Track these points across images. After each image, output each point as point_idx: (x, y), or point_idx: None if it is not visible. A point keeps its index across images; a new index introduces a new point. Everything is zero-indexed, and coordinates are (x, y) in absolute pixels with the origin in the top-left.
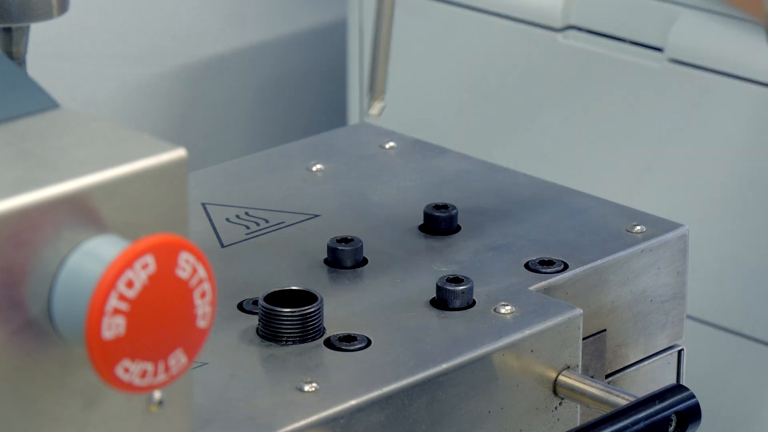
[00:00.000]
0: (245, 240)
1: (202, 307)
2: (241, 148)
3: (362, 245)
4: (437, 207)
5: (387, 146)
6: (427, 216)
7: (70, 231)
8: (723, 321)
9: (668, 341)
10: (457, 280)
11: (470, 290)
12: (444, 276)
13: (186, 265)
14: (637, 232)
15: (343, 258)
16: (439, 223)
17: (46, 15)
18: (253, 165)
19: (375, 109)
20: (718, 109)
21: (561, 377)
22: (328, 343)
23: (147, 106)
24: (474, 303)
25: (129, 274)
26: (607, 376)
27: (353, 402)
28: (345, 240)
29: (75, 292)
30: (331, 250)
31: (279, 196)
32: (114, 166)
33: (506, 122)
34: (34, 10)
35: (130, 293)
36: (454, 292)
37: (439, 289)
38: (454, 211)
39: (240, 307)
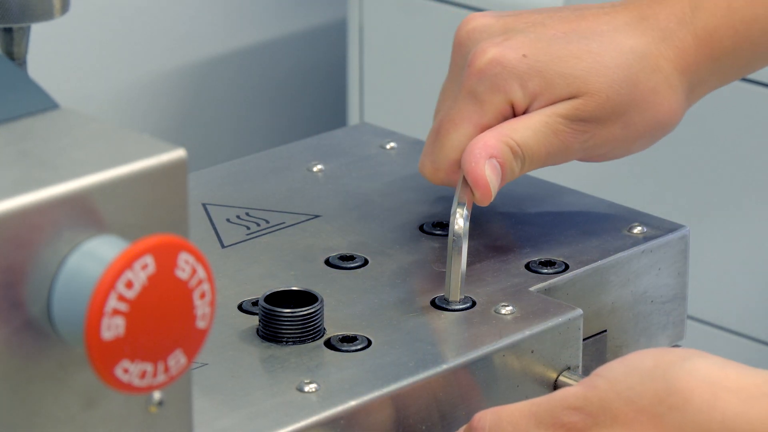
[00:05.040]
0: (246, 240)
1: (202, 308)
2: (241, 148)
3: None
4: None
5: (387, 146)
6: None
7: (69, 231)
8: (723, 321)
9: (669, 342)
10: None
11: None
12: (442, 295)
13: (185, 265)
14: (637, 233)
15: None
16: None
17: (46, 15)
18: (253, 165)
19: None
20: (719, 110)
21: (561, 378)
22: (328, 344)
23: (147, 106)
24: (474, 303)
25: (128, 275)
26: None
27: (353, 402)
28: (347, 257)
29: (74, 292)
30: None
31: (279, 197)
32: (114, 167)
33: None
34: (34, 11)
35: (130, 294)
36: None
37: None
38: None
39: (240, 307)
